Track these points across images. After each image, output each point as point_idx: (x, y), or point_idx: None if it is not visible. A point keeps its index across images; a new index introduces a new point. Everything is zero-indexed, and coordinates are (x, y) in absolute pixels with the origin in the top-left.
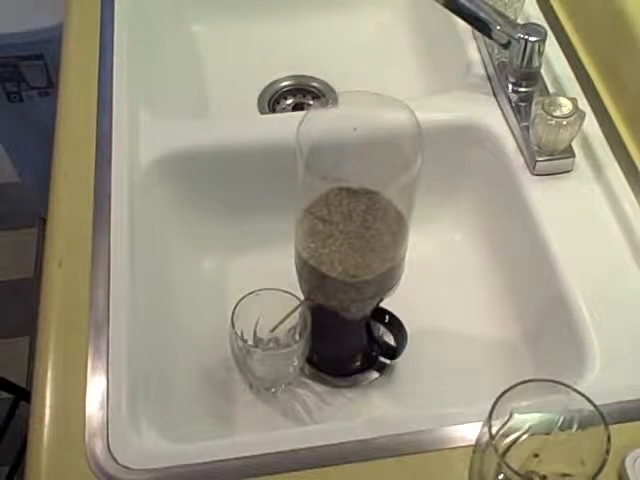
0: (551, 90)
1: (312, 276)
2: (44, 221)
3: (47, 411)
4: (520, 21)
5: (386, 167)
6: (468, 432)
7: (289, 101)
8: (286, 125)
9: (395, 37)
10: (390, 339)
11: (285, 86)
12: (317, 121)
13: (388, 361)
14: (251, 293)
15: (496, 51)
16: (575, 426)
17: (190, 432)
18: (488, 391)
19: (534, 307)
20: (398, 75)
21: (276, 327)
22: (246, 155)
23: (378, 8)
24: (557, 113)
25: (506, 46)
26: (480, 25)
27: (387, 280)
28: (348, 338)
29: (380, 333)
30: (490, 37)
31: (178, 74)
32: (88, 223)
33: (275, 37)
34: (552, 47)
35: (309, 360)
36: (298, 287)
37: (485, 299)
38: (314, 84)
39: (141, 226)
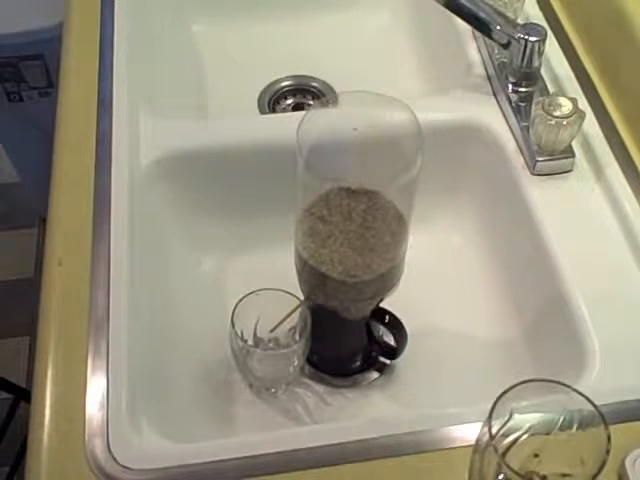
0: (551, 90)
1: (312, 276)
2: (44, 221)
3: (47, 411)
4: (520, 21)
5: (386, 167)
6: (468, 432)
7: (289, 101)
8: (286, 125)
9: (395, 37)
10: (390, 339)
11: (285, 86)
12: (317, 121)
13: (388, 361)
14: (251, 293)
15: (496, 51)
16: (575, 426)
17: (190, 432)
18: (488, 391)
19: (534, 307)
20: (398, 75)
21: (276, 327)
22: (246, 155)
23: (378, 8)
24: (557, 113)
25: (506, 46)
26: (480, 25)
27: (387, 280)
28: (348, 338)
29: (380, 333)
30: (490, 37)
31: (178, 74)
32: (88, 223)
33: (275, 37)
34: (552, 47)
35: (309, 360)
36: (298, 287)
37: (485, 299)
38: (314, 84)
39: (141, 226)
